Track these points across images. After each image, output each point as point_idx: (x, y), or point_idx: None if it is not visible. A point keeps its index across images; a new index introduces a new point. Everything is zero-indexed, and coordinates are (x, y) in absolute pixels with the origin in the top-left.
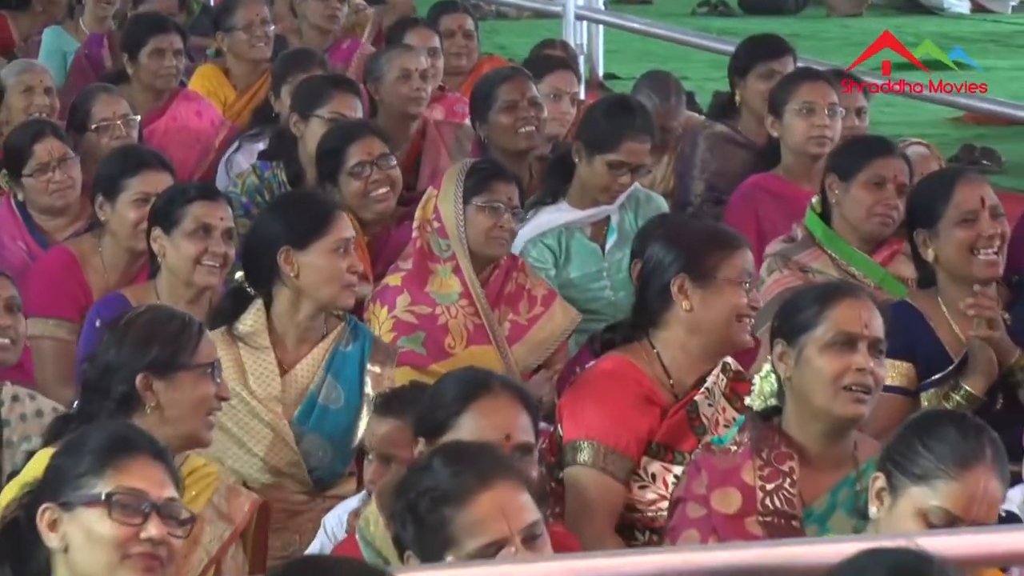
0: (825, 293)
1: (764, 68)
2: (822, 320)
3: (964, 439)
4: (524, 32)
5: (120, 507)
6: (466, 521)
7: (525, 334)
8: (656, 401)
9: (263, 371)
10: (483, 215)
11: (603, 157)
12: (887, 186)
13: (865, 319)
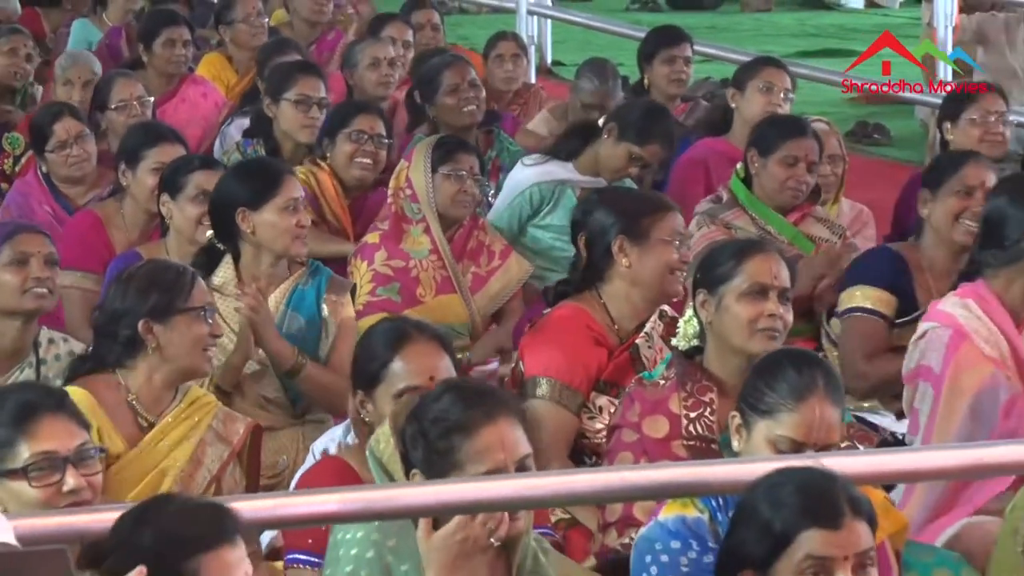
0: (740, 249)
1: (666, 54)
2: (738, 272)
3: (799, 375)
4: (483, 25)
5: (38, 472)
6: (471, 449)
7: (485, 284)
8: (604, 343)
9: (234, 314)
10: (449, 182)
11: (628, 146)
12: (799, 164)
13: (775, 271)
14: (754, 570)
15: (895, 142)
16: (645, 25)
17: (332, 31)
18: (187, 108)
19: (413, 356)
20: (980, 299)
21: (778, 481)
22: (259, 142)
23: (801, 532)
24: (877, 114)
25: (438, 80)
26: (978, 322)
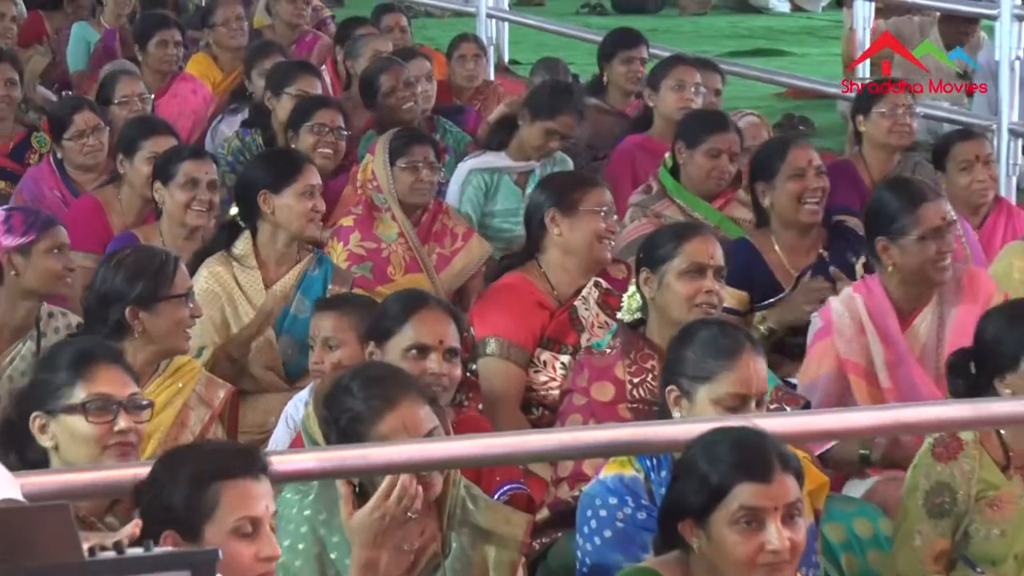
0: (679, 232)
1: (624, 55)
2: (678, 253)
3: (724, 336)
4: (446, 27)
5: (94, 410)
6: (377, 436)
7: (449, 263)
8: (545, 306)
9: (252, 285)
10: (406, 173)
11: (541, 124)
12: (722, 156)
13: (711, 252)
14: (693, 520)
15: (818, 133)
16: (593, 28)
17: (310, 33)
18: (178, 103)
19: (425, 321)
20: (868, 294)
21: (714, 439)
22: (256, 131)
23: (736, 485)
24: (802, 108)
25: (376, 84)
26: (851, 321)
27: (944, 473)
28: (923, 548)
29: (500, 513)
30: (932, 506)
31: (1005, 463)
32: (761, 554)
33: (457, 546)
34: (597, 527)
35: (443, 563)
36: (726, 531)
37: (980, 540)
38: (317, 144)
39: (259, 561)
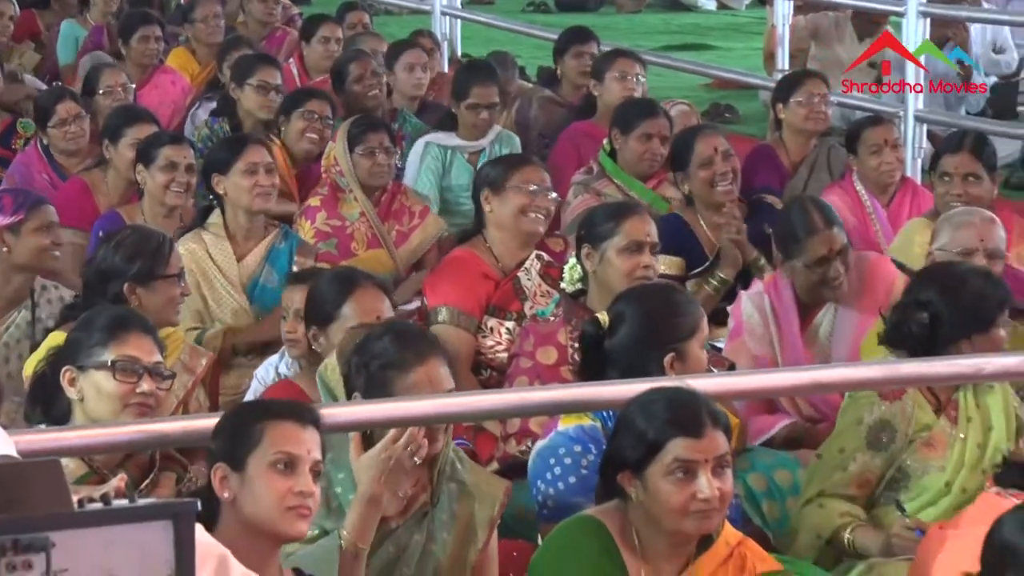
0: (618, 211)
1: (576, 50)
2: (618, 231)
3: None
4: (405, 24)
5: (121, 370)
6: (404, 384)
7: (407, 239)
8: (490, 277)
9: (223, 256)
10: (364, 158)
11: (463, 102)
12: (654, 139)
13: (647, 230)
14: (631, 472)
15: (742, 120)
16: (538, 24)
17: (280, 30)
18: (159, 93)
19: (362, 300)
20: (775, 290)
21: (651, 398)
22: (224, 119)
23: (670, 440)
24: (727, 97)
25: (344, 72)
26: (757, 320)
27: (888, 412)
28: (854, 473)
29: (483, 475)
30: (873, 439)
31: (937, 406)
32: (693, 502)
33: (445, 498)
34: (562, 473)
35: (431, 511)
36: (661, 482)
37: (918, 476)
38: (305, 129)
39: (293, 494)
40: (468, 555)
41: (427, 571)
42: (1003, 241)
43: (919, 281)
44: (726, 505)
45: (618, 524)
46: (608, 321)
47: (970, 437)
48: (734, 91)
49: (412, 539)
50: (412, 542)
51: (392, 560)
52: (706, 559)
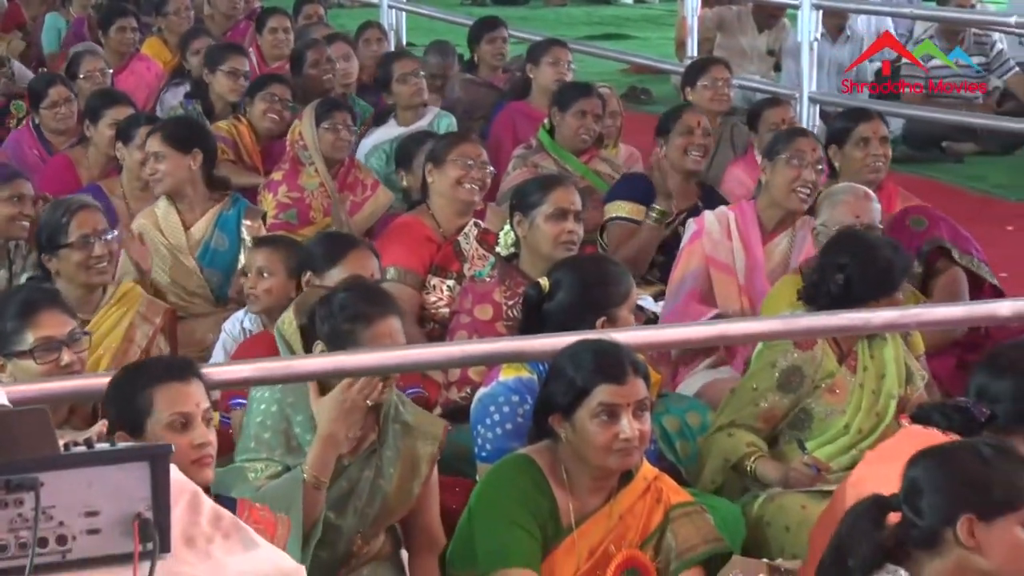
0: (546, 182)
1: (488, 36)
2: (545, 200)
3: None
4: (355, 16)
5: (41, 352)
6: (367, 335)
7: (360, 208)
8: (433, 240)
9: (170, 226)
10: (328, 133)
11: (395, 85)
12: (587, 116)
13: (572, 199)
14: (561, 415)
15: (656, 100)
16: (475, 16)
17: (242, 21)
18: (135, 78)
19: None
20: (741, 213)
21: (579, 349)
22: (197, 102)
23: (596, 386)
24: (643, 81)
25: (302, 57)
26: (720, 228)
27: (800, 359)
28: (763, 409)
29: (423, 416)
30: (784, 382)
31: (840, 355)
32: (616, 441)
33: (390, 437)
34: (500, 420)
35: (379, 449)
36: (588, 423)
37: (821, 418)
38: (267, 110)
39: (192, 448)
40: (412, 487)
41: (376, 502)
42: (878, 213)
43: (835, 246)
44: (645, 444)
45: (549, 462)
46: (548, 286)
47: (866, 384)
48: (649, 76)
49: (362, 475)
50: (362, 477)
51: (345, 494)
52: (626, 492)
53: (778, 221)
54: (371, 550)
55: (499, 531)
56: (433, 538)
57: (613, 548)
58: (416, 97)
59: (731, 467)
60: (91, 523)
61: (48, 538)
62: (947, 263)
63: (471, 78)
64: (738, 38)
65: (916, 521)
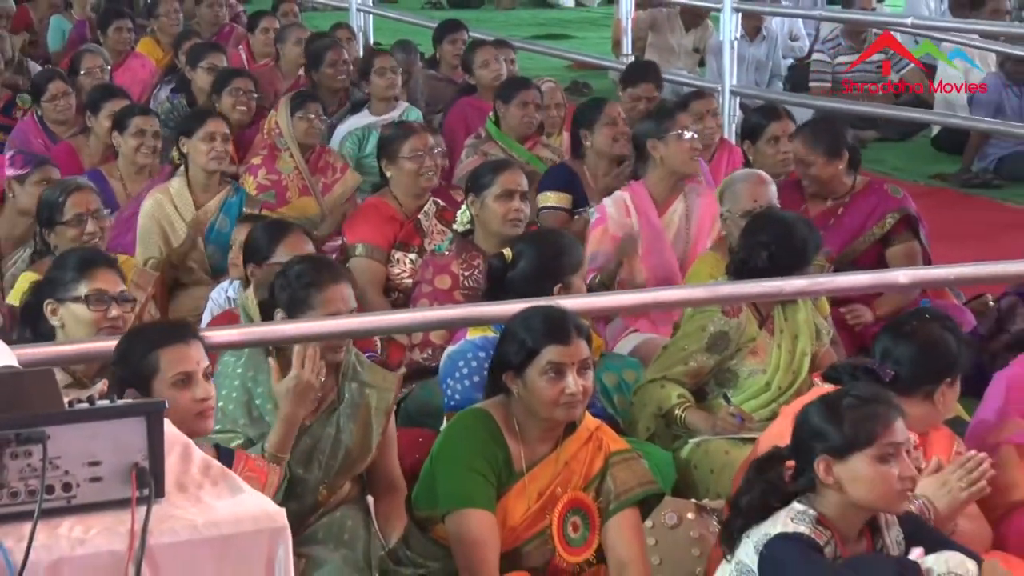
0: (496, 166)
1: (450, 37)
2: (495, 182)
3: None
4: (328, 18)
5: (94, 301)
6: (319, 299)
7: (331, 190)
8: (396, 219)
9: (183, 203)
10: (302, 122)
11: (375, 79)
12: (529, 107)
13: (518, 181)
14: (513, 372)
15: (596, 94)
16: (435, 18)
17: (227, 25)
18: (130, 74)
19: (292, 243)
20: (635, 192)
21: (529, 314)
22: (182, 95)
23: (544, 347)
24: (584, 76)
25: (322, 57)
26: (620, 211)
27: (727, 325)
28: (692, 368)
29: (378, 373)
30: (711, 344)
31: (760, 320)
32: (562, 396)
33: (348, 395)
34: (468, 373)
35: (338, 407)
36: (537, 380)
37: (744, 377)
38: (235, 104)
39: (195, 402)
40: (371, 440)
41: (339, 456)
42: (774, 196)
43: (758, 227)
44: (587, 398)
45: (502, 414)
46: (511, 256)
47: (783, 345)
48: (589, 71)
49: (324, 431)
50: (324, 434)
51: (310, 450)
52: (571, 441)
53: (668, 193)
54: (336, 499)
55: (458, 475)
56: (393, 482)
57: (559, 491)
58: (390, 90)
59: (662, 416)
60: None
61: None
62: (909, 235)
63: (434, 74)
64: (667, 37)
65: (800, 466)
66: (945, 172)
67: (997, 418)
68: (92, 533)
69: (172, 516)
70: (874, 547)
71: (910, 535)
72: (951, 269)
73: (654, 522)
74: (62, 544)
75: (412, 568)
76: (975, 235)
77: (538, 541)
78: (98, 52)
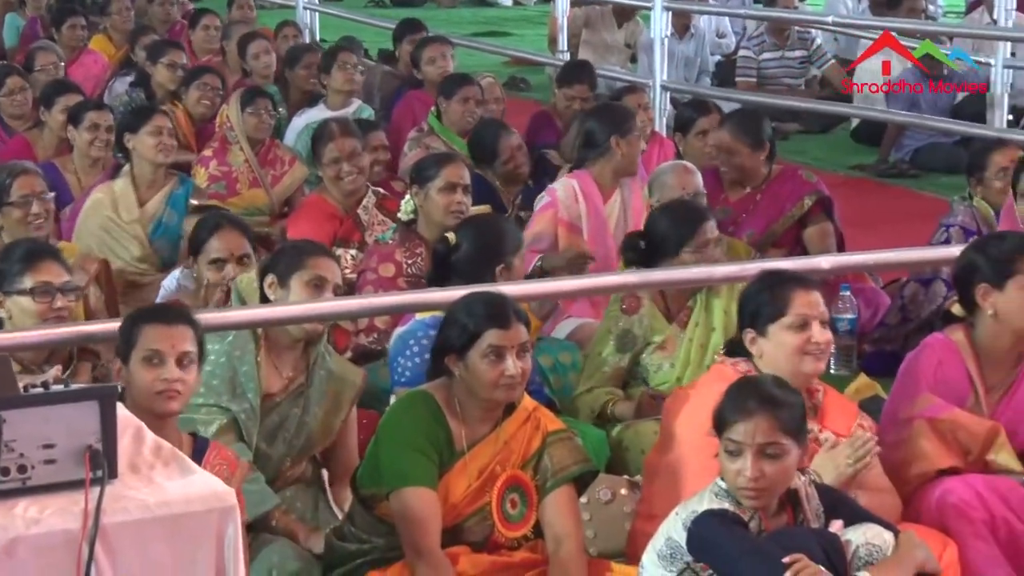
0: (440, 159)
1: (409, 37)
2: (439, 175)
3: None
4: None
5: (39, 294)
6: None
7: (279, 181)
8: (336, 216)
9: (127, 202)
10: (252, 117)
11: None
12: (470, 102)
13: (461, 174)
14: (455, 355)
15: (533, 88)
16: (377, 16)
17: (178, 23)
18: (84, 70)
19: (223, 237)
20: (582, 180)
21: (471, 299)
22: (140, 90)
23: (485, 330)
24: (522, 71)
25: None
26: (570, 198)
27: (629, 323)
28: (609, 371)
29: (346, 365)
30: (620, 344)
31: (667, 314)
32: (502, 378)
33: (317, 380)
34: (418, 351)
35: (306, 390)
36: (478, 362)
37: (654, 371)
38: (201, 98)
39: (159, 381)
40: (333, 424)
41: (302, 435)
42: (700, 184)
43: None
44: (526, 380)
45: (444, 396)
46: (455, 240)
47: (695, 339)
48: (527, 67)
49: (291, 411)
50: (291, 413)
51: (276, 426)
52: (510, 421)
53: (611, 184)
54: (295, 473)
55: (402, 455)
56: (350, 466)
57: (499, 468)
58: (348, 84)
59: (597, 416)
60: (48, 454)
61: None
62: (823, 216)
63: (391, 71)
64: (601, 34)
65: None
66: (864, 163)
67: (909, 394)
68: (47, 513)
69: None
70: (795, 520)
71: (830, 508)
72: (870, 255)
73: (589, 498)
74: (17, 524)
75: (357, 544)
76: (892, 222)
77: (478, 517)
78: (52, 49)
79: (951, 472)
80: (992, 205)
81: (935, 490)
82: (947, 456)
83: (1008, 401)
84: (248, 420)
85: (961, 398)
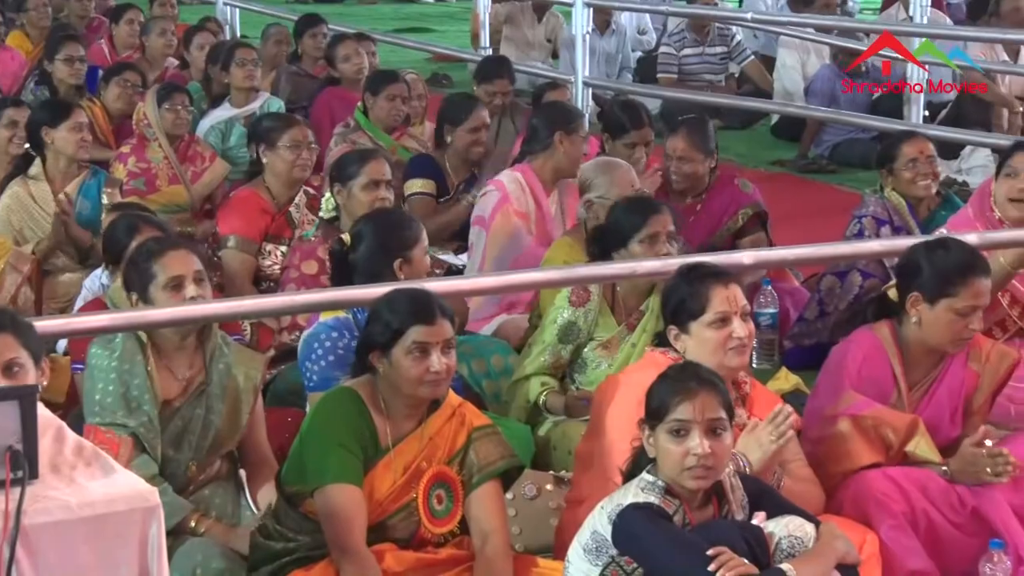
0: (362, 156)
1: (310, 32)
2: (361, 172)
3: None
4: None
5: None
6: (161, 263)
7: (200, 178)
8: (268, 211)
9: (43, 196)
10: (169, 113)
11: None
12: (396, 99)
13: (384, 171)
14: (380, 352)
15: (455, 85)
16: (299, 12)
17: (96, 19)
18: (0, 67)
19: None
20: (525, 173)
21: (395, 296)
22: (44, 87)
23: (410, 327)
24: (444, 68)
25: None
26: (519, 189)
27: (575, 315)
28: (550, 360)
29: (245, 353)
30: (563, 334)
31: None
32: (427, 374)
33: (216, 377)
34: (323, 354)
35: (206, 389)
36: (403, 359)
37: (593, 367)
38: (120, 94)
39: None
40: (240, 418)
41: (209, 435)
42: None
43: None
44: (451, 377)
45: (369, 392)
46: (350, 240)
47: (639, 344)
48: (449, 63)
49: (194, 413)
50: (194, 415)
51: (180, 431)
52: (435, 417)
53: (551, 182)
54: (207, 475)
55: (326, 452)
56: (263, 457)
57: (424, 464)
58: (248, 81)
59: (531, 406)
60: None
61: None
62: (758, 227)
63: (295, 69)
64: (523, 29)
65: None
66: (784, 158)
67: (833, 391)
68: None
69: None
70: (720, 513)
71: (754, 500)
72: (791, 250)
73: (515, 494)
74: None
75: (283, 542)
76: (811, 217)
77: (404, 513)
78: None
79: (873, 467)
80: (903, 195)
81: (856, 482)
82: (870, 453)
83: (929, 399)
84: (148, 433)
85: (884, 395)
